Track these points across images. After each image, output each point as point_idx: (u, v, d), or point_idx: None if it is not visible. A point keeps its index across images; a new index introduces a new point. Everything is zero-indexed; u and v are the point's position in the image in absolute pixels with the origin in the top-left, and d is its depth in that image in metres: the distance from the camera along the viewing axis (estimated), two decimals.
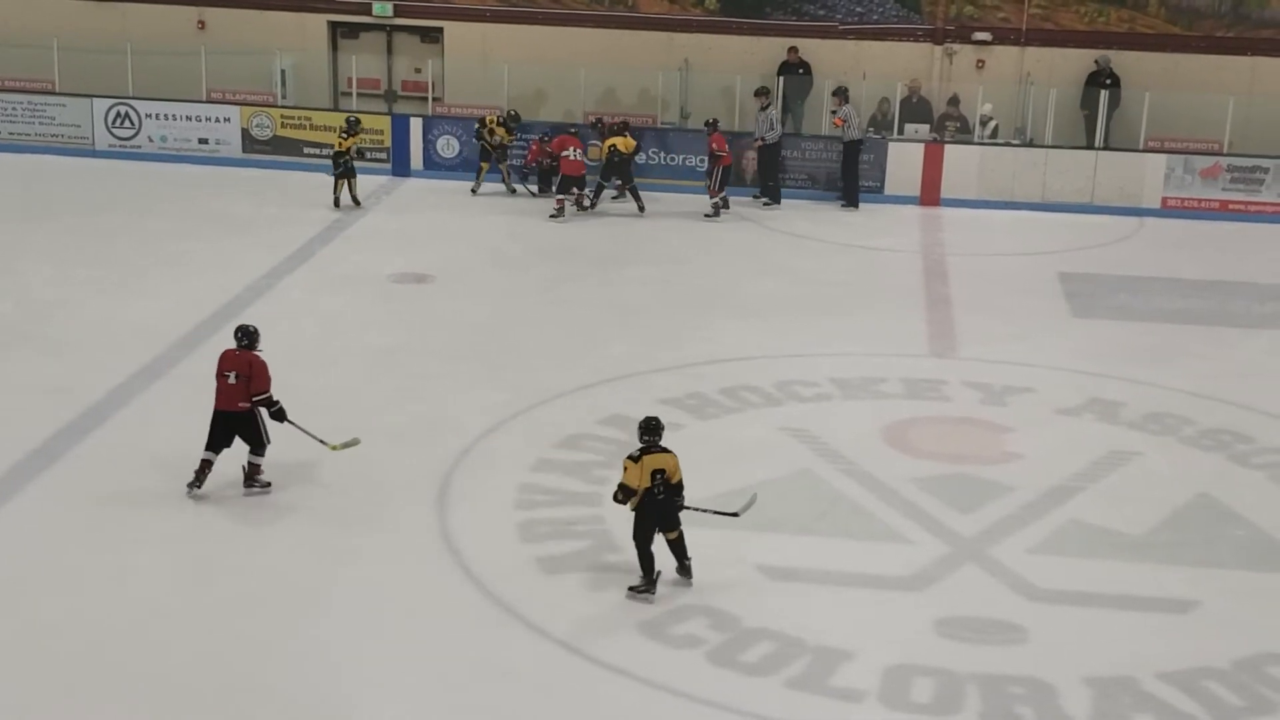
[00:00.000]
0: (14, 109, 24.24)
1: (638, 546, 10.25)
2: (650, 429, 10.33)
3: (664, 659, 9.66)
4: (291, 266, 18.19)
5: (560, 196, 21.27)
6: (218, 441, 11.75)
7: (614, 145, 21.48)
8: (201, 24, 24.99)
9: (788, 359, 15.38)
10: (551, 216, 21.10)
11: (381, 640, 9.79)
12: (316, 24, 24.96)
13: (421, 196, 22.35)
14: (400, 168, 23.27)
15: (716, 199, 21.38)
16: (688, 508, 10.39)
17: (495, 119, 22.20)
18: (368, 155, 22.73)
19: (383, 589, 10.45)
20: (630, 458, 10.24)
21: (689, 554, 10.42)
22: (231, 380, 11.67)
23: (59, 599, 10.15)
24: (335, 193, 21.06)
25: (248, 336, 11.84)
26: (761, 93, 22.29)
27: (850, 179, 22.24)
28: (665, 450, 10.29)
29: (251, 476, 11.92)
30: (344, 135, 21.11)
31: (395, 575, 10.65)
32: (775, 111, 22.13)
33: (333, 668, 9.46)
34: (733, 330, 16.28)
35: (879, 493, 12.22)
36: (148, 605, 10.11)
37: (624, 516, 11.49)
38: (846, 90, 22.21)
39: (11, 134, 24.19)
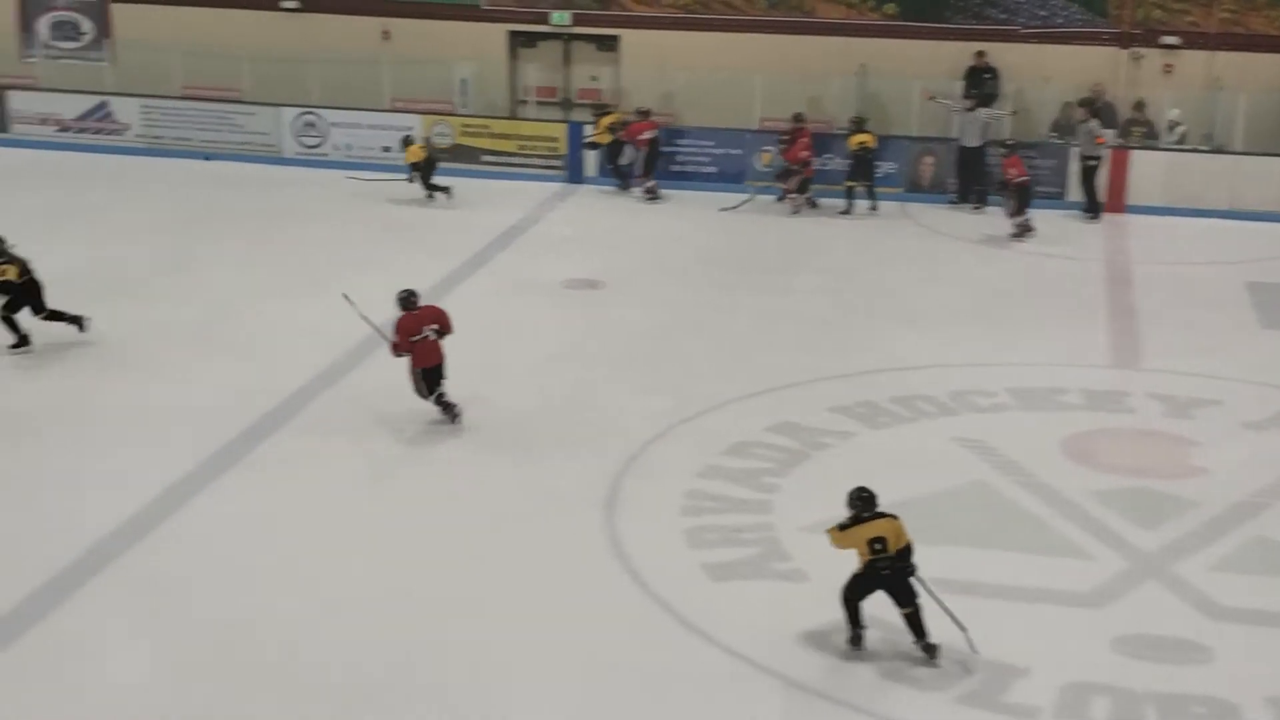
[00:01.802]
0: (206, 117, 25.00)
1: (844, 604, 9.72)
2: (861, 500, 9.61)
3: (833, 671, 9.55)
4: (467, 272, 18.41)
5: (793, 194, 21.54)
6: (434, 387, 13.13)
7: (863, 143, 21.43)
8: (386, 34, 25.44)
9: (963, 368, 15.11)
10: (788, 205, 21.58)
11: (546, 642, 9.84)
12: (496, 34, 25.24)
13: (595, 203, 22.48)
14: (574, 174, 23.42)
15: (1020, 219, 20.46)
16: (922, 582, 9.67)
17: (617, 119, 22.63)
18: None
19: (550, 592, 10.51)
20: (839, 526, 9.66)
21: (927, 632, 9.63)
22: (432, 336, 13.03)
23: (229, 598, 10.39)
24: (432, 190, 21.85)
25: (415, 294, 13.14)
26: (971, 96, 22.08)
27: (1092, 189, 21.74)
28: (881, 515, 9.60)
29: (453, 410, 13.20)
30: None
31: (562, 578, 10.71)
32: (985, 114, 21.84)
33: (497, 668, 9.54)
34: (905, 338, 16.05)
35: (1057, 506, 11.93)
36: (316, 602, 10.30)
37: (793, 523, 11.46)
38: (1095, 102, 21.79)
39: (204, 142, 24.94)
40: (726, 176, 22.82)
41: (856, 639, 9.70)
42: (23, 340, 15.10)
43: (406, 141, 22.36)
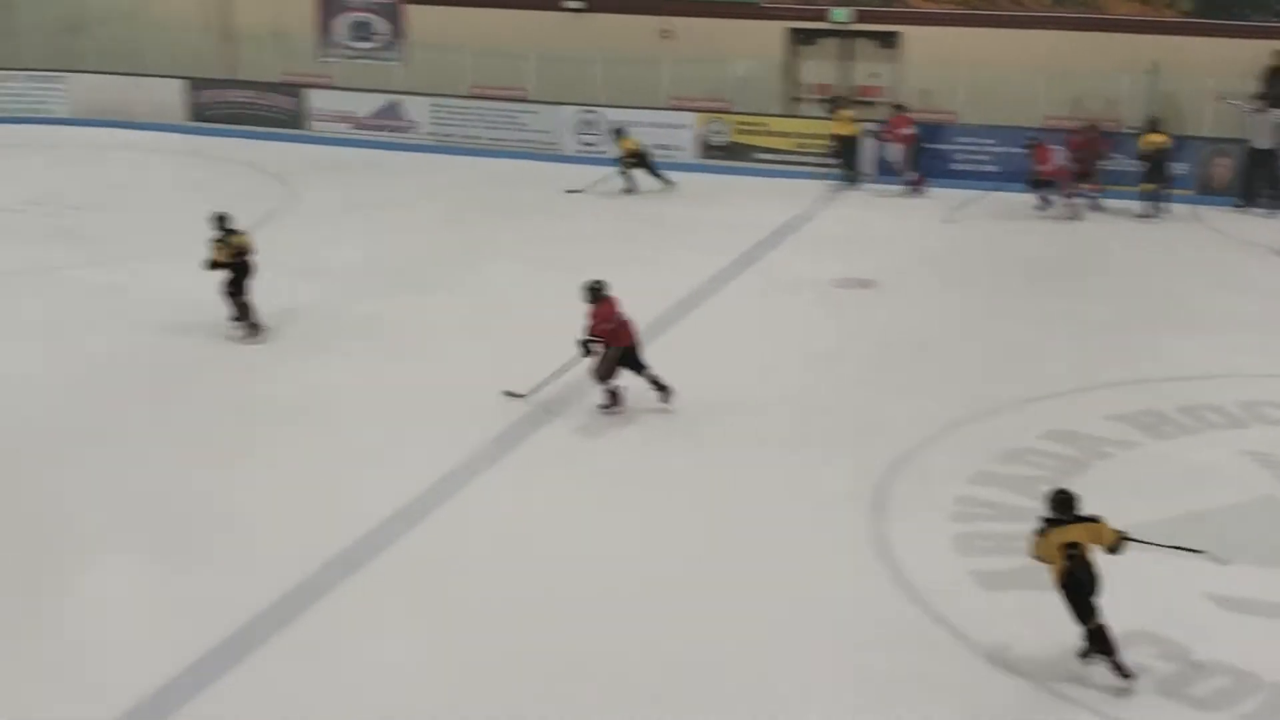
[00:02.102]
0: (492, 115, 25.70)
1: (1090, 637, 9.30)
2: (1059, 502, 9.32)
3: (1107, 686, 9.19)
4: (737, 270, 18.42)
5: (1070, 201, 21.00)
6: (635, 369, 13.46)
7: (1156, 143, 20.79)
8: (666, 33, 25.68)
9: (1255, 379, 14.40)
10: (1065, 210, 21.00)
11: (810, 645, 9.77)
12: (775, 31, 25.22)
13: (870, 201, 22.27)
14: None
15: None
16: (1135, 539, 9.34)
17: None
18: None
19: (813, 592, 10.42)
20: (1037, 531, 9.39)
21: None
22: (627, 317, 13.37)
23: (500, 583, 10.57)
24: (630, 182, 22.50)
25: (604, 284, 13.53)
26: (1264, 96, 21.22)
27: None
28: (1078, 519, 9.27)
29: (618, 399, 13.56)
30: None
31: (826, 580, 10.60)
32: (1277, 115, 20.90)
33: (760, 668, 9.50)
34: (1191, 345, 15.41)
35: None
36: (585, 592, 10.42)
37: None
38: None
39: (491, 140, 25.64)
40: (1008, 176, 22.29)
41: (1120, 670, 9.26)
42: (254, 324, 15.71)
43: (619, 134, 22.71)
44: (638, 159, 22.49)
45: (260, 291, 15.83)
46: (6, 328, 16.04)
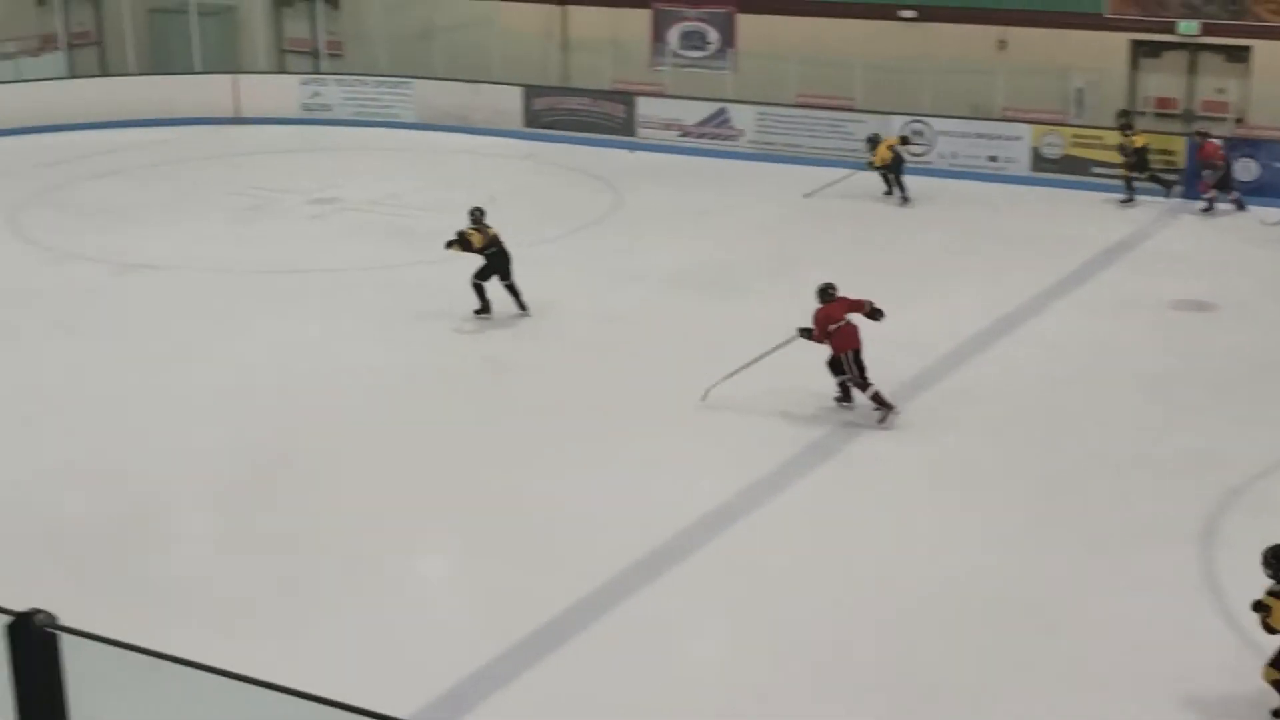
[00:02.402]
0: (817, 124, 25.57)
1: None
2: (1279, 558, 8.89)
3: None
4: (1067, 287, 17.82)
5: None
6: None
7: None
8: (1002, 43, 25.09)
9: None
10: None
11: (1129, 675, 9.43)
12: (1118, 43, 24.34)
13: (1212, 220, 21.23)
14: (1192, 190, 22.16)
15: None
16: None
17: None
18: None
19: (1135, 622, 10.07)
20: (1272, 593, 8.85)
21: None
22: (849, 322, 13.39)
23: (799, 591, 10.56)
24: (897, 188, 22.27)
25: (833, 286, 13.60)
26: None
27: None
28: None
29: (847, 398, 13.61)
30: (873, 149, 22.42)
31: (1149, 610, 10.23)
32: None
33: (1073, 696, 9.21)
34: None
35: None
36: (877, 605, 10.29)
37: None
38: None
39: (814, 148, 25.49)
40: None
41: None
42: (485, 307, 16.42)
43: (874, 141, 22.44)
44: (887, 166, 22.11)
45: (579, 295, 16.08)
46: (345, 321, 16.80)
